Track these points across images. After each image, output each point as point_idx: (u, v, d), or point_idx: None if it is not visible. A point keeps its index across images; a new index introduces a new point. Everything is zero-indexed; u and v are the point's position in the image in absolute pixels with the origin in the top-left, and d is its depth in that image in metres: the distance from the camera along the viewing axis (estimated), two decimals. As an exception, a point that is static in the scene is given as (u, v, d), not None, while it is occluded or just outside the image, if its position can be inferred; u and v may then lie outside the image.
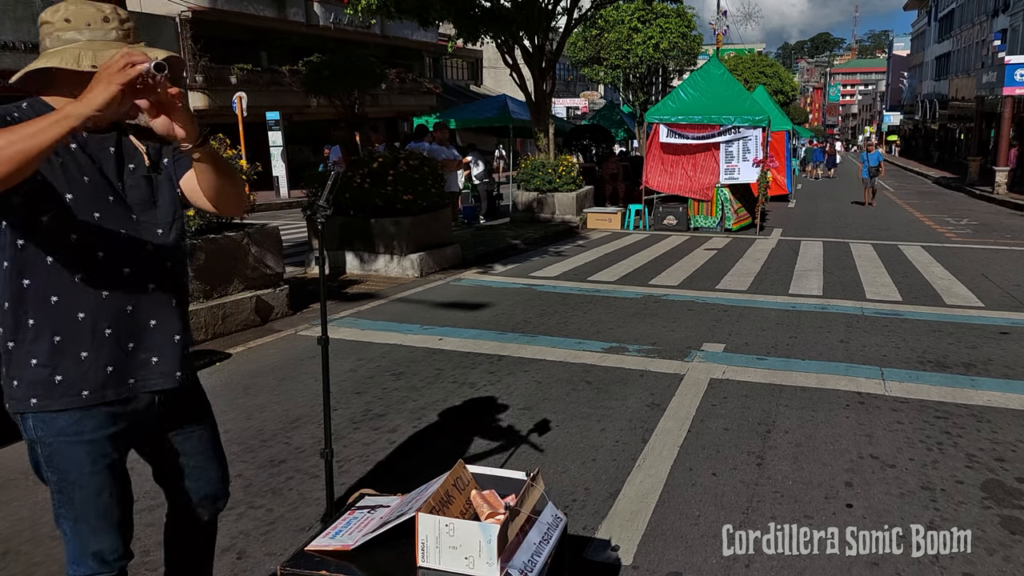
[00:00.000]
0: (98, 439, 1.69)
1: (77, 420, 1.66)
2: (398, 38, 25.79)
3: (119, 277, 1.69)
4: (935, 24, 45.27)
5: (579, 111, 37.75)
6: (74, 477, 1.68)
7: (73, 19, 1.64)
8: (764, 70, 43.84)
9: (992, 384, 4.82)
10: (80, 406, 1.66)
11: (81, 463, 1.68)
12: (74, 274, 1.63)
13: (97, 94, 1.39)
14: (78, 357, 1.65)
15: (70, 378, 1.65)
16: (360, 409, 4.40)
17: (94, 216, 1.64)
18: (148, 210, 1.75)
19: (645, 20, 25.01)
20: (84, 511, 1.70)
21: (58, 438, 1.66)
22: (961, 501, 3.24)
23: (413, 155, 9.10)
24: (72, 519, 1.71)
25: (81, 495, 1.69)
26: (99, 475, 1.70)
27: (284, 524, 3.07)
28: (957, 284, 8.26)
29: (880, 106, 73.06)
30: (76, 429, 1.66)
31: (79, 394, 1.65)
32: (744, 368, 5.15)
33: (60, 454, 1.67)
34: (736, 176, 12.88)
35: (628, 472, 3.53)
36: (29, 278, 1.62)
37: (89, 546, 1.72)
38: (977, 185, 23.34)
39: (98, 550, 1.73)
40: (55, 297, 1.62)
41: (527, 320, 6.58)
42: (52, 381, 1.63)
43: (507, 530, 1.82)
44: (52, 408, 1.64)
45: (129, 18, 1.71)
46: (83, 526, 1.71)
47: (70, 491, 1.69)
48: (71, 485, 1.68)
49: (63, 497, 1.70)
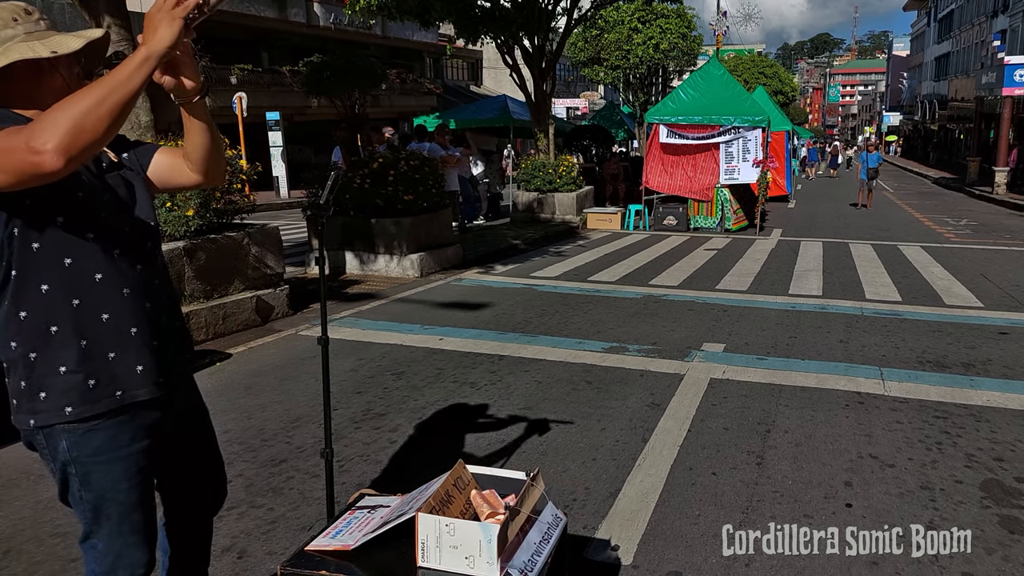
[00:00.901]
0: (134, 453, 1.67)
1: (113, 436, 1.63)
2: (399, 38, 25.79)
3: (135, 274, 1.67)
4: (935, 25, 45.28)
5: (579, 111, 37.74)
6: (111, 495, 1.65)
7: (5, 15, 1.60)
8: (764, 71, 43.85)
9: (991, 384, 4.82)
10: (115, 408, 1.62)
11: (119, 480, 1.65)
12: (94, 273, 1.60)
13: (164, 31, 1.41)
14: (107, 358, 1.61)
15: (104, 380, 1.61)
16: (361, 409, 4.40)
17: (102, 215, 1.62)
18: (135, 207, 1.73)
19: (645, 21, 25.02)
20: (121, 527, 1.68)
21: (95, 458, 1.62)
22: (960, 501, 3.24)
23: (413, 155, 9.11)
24: (107, 536, 1.68)
25: (118, 511, 1.67)
26: (135, 490, 1.69)
27: (285, 523, 3.07)
28: (956, 284, 8.27)
29: (880, 107, 73.11)
30: (113, 445, 1.63)
31: (113, 395, 1.61)
32: (744, 368, 5.16)
33: (97, 473, 1.63)
34: (736, 176, 12.88)
35: (628, 472, 3.53)
36: (47, 283, 1.56)
37: (122, 559, 1.70)
38: (976, 185, 23.35)
39: (131, 563, 1.71)
40: (76, 300, 1.58)
41: (527, 320, 6.59)
42: (86, 386, 1.59)
43: (507, 530, 1.83)
44: (88, 415, 1.59)
45: (36, 10, 1.66)
46: (118, 541, 1.68)
47: (108, 509, 1.66)
48: (108, 503, 1.65)
49: (99, 516, 1.66)
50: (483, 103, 20.52)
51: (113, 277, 1.62)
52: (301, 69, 14.17)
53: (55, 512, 3.12)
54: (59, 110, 1.36)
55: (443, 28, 18.32)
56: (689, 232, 12.91)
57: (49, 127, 1.33)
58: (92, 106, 1.36)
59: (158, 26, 1.42)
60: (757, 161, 12.72)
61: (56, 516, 3.10)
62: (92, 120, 1.35)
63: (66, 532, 2.98)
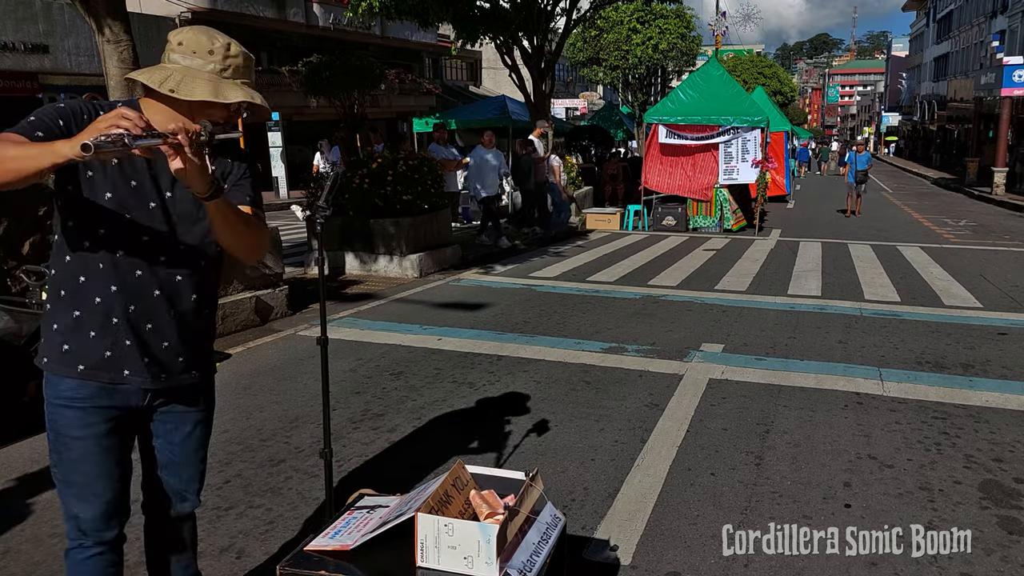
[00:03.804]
0: (87, 408, 1.83)
1: (75, 387, 1.82)
2: (398, 39, 25.76)
3: (133, 277, 1.82)
4: (934, 25, 45.30)
5: (578, 112, 37.76)
6: (64, 440, 1.84)
7: (185, 43, 1.78)
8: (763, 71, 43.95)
9: (990, 384, 4.83)
10: (74, 377, 1.81)
11: (71, 426, 1.83)
12: (98, 262, 1.80)
13: (71, 145, 1.49)
14: (88, 335, 1.81)
15: (74, 351, 1.81)
16: (359, 409, 4.40)
17: (125, 217, 1.78)
18: (191, 223, 1.85)
19: (644, 21, 25.05)
20: (68, 475, 1.85)
21: (57, 399, 1.83)
22: (959, 501, 3.25)
23: (412, 155, 9.11)
24: (60, 480, 1.87)
25: (67, 456, 1.85)
26: (84, 442, 1.83)
27: (283, 523, 3.07)
28: (955, 285, 8.27)
29: (879, 107, 73.13)
30: (71, 395, 1.82)
31: (75, 367, 1.81)
32: (743, 368, 5.16)
33: (57, 414, 1.84)
34: (735, 177, 12.88)
35: (627, 472, 3.53)
36: (69, 255, 1.81)
37: (69, 509, 1.87)
38: (976, 186, 23.36)
39: (75, 515, 1.86)
40: (82, 278, 1.80)
41: (526, 320, 6.59)
42: (61, 349, 1.81)
43: (506, 530, 1.83)
44: (53, 372, 1.83)
45: (240, 54, 1.81)
46: (66, 489, 1.86)
47: (60, 451, 1.85)
48: (61, 446, 1.84)
49: (55, 457, 1.86)
50: (482, 103, 20.55)
51: (110, 272, 1.81)
52: (300, 69, 14.20)
53: (54, 512, 3.11)
54: None
55: (442, 29, 18.32)
56: (688, 232, 12.91)
57: None
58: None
59: (83, 135, 1.51)
60: (756, 161, 12.73)
61: (54, 516, 3.10)
62: None
63: (65, 532, 2.98)
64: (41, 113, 1.69)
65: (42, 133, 1.64)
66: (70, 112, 1.70)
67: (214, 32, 1.82)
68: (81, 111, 1.72)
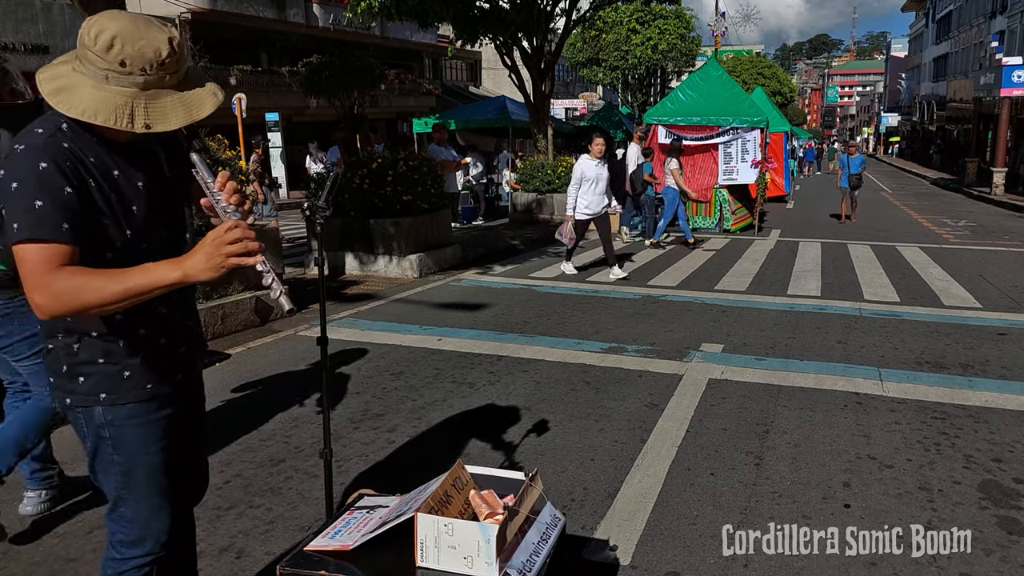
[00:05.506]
0: (159, 419, 1.81)
1: (143, 406, 1.79)
2: (398, 39, 25.77)
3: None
4: (933, 26, 45.31)
5: (578, 112, 37.72)
6: (141, 458, 1.79)
7: (130, 62, 1.51)
8: (762, 71, 43.96)
9: (990, 385, 4.83)
10: (142, 401, 1.78)
11: (147, 442, 1.79)
12: None
13: (206, 270, 1.53)
14: (140, 356, 1.77)
15: (136, 374, 1.76)
16: (359, 409, 4.40)
17: (126, 234, 1.67)
18: (175, 219, 1.84)
19: (644, 21, 25.07)
20: (148, 490, 1.81)
21: (128, 420, 1.76)
22: (959, 502, 3.25)
23: (412, 156, 9.11)
24: (135, 501, 1.81)
25: (146, 473, 1.80)
26: (160, 454, 1.82)
27: (283, 523, 3.07)
28: (955, 285, 8.27)
29: (878, 107, 73.16)
30: (142, 410, 1.78)
31: (144, 388, 1.77)
32: (742, 368, 5.16)
33: (128, 435, 1.77)
34: (735, 177, 12.88)
35: (626, 472, 3.53)
36: None
37: (150, 526, 1.82)
38: (975, 186, 23.38)
39: (158, 529, 1.83)
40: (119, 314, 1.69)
41: (526, 320, 6.59)
42: (121, 376, 1.75)
43: (506, 530, 1.83)
44: (120, 402, 1.76)
45: (184, 54, 1.61)
46: (145, 505, 1.81)
47: (137, 472, 1.79)
48: (138, 465, 1.79)
49: (128, 479, 1.79)
50: (482, 104, 20.53)
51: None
52: (300, 70, 14.20)
53: (52, 513, 3.11)
54: (79, 291, 1.50)
55: (442, 29, 18.33)
56: (688, 233, 12.89)
57: (64, 295, 1.50)
58: (105, 300, 1.52)
59: (206, 261, 1.53)
60: (756, 162, 12.72)
61: (54, 516, 3.10)
62: (96, 307, 1.54)
63: (64, 532, 2.98)
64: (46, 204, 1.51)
65: (67, 225, 1.52)
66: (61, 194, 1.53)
67: (144, 26, 1.52)
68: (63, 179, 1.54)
